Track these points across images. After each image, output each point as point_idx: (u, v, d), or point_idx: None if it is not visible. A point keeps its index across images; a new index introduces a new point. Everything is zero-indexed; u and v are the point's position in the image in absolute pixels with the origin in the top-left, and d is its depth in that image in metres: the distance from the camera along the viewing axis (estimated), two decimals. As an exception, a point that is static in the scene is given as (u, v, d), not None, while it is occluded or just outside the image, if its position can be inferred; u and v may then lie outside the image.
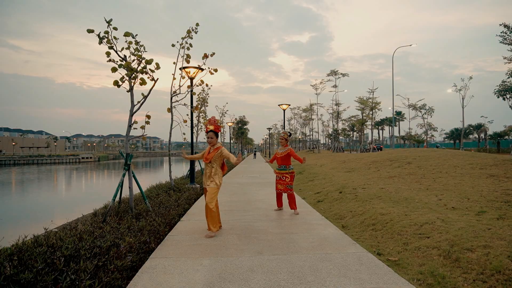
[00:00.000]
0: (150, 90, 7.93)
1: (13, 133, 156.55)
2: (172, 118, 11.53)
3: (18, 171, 54.57)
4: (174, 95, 11.24)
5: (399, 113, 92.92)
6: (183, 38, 10.27)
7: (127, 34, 7.45)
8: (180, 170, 32.70)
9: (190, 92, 12.10)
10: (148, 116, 7.91)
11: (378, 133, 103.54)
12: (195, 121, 17.85)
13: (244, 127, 63.00)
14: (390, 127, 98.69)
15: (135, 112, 7.73)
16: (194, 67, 12.60)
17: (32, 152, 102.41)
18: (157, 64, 7.85)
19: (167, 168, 12.70)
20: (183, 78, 11.60)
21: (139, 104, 7.75)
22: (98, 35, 7.17)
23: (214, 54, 10.66)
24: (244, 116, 62.70)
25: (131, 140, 7.99)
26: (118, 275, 4.35)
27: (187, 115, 14.63)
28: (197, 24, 10.20)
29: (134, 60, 7.63)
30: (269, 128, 63.10)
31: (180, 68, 12.02)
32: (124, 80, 7.51)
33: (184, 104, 12.31)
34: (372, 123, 59.60)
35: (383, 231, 6.57)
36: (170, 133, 11.93)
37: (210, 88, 17.75)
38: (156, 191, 10.98)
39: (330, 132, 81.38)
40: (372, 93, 55.18)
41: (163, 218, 7.09)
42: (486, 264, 4.54)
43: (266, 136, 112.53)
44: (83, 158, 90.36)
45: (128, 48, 7.57)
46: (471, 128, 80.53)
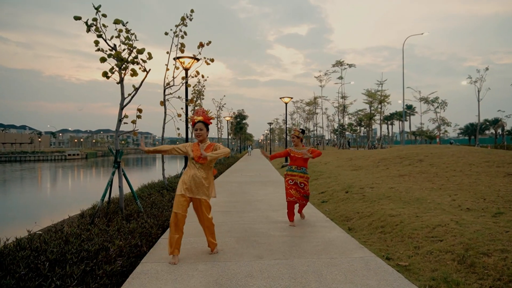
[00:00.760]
0: (142, 82, 7.91)
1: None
2: (165, 112, 11.50)
3: None
4: (168, 87, 11.21)
5: (409, 107, 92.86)
6: (177, 26, 10.24)
7: (117, 22, 7.42)
8: (174, 168, 32.71)
9: (184, 84, 12.07)
10: (139, 110, 7.89)
11: (388, 128, 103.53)
12: (190, 115, 17.84)
13: (243, 121, 62.96)
14: (400, 122, 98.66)
15: (126, 105, 7.71)
16: (189, 57, 12.56)
17: (15, 149, 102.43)
18: (149, 53, 7.82)
19: (160, 166, 12.70)
20: (177, 69, 11.56)
21: (130, 96, 7.73)
22: (86, 23, 7.14)
23: (210, 43, 10.63)
24: (243, 110, 62.67)
25: (121, 135, 7.98)
26: (107, 281, 4.35)
27: (182, 108, 14.61)
28: (191, 11, 10.18)
29: (124, 50, 7.60)
30: (270, 123, 63.03)
31: (174, 58, 11.98)
32: (113, 71, 7.48)
33: (179, 97, 12.26)
34: (381, 118, 59.61)
35: (392, 234, 6.57)
36: (163, 128, 11.90)
37: (206, 80, 17.75)
38: (148, 190, 10.98)
39: (336, 127, 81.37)
40: (380, 85, 55.15)
41: (155, 219, 7.09)
42: (503, 269, 4.54)
43: (266, 131, 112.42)
44: (69, 155, 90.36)
45: (118, 36, 7.54)
46: (487, 123, 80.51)
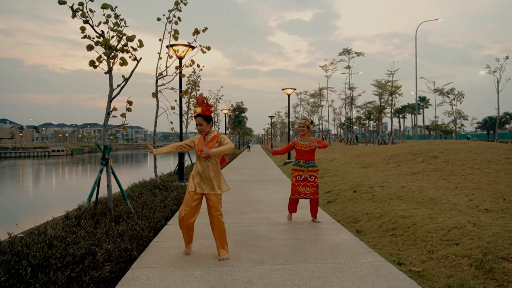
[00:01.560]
0: (132, 72, 7.89)
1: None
2: (157, 105, 11.48)
3: (-22, 166, 54.57)
4: (160, 78, 11.19)
5: (423, 99, 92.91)
6: (170, 11, 10.21)
7: (105, 6, 7.39)
8: (167, 165, 32.71)
9: (178, 74, 12.05)
10: (129, 102, 7.88)
11: (399, 122, 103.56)
12: (184, 107, 17.84)
13: (242, 114, 62.98)
14: (413, 115, 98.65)
15: (115, 97, 7.69)
16: (183, 45, 12.54)
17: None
18: (140, 41, 7.80)
19: (152, 163, 12.70)
20: (171, 57, 11.54)
21: (119, 88, 7.71)
22: (71, 7, 7.12)
23: (206, 29, 10.61)
24: (241, 102, 62.67)
25: (110, 130, 7.97)
26: (94, 288, 4.35)
27: (175, 101, 14.61)
28: (186, -7, 10.14)
29: (113, 37, 7.57)
30: (271, 116, 63.00)
31: (167, 46, 11.95)
32: (101, 60, 7.46)
33: (172, 88, 12.25)
34: (392, 111, 59.60)
35: (404, 236, 6.57)
36: (155, 121, 11.89)
37: (202, 70, 17.68)
38: (139, 189, 10.98)
39: (343, 121, 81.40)
40: (391, 75, 55.06)
41: (147, 221, 7.09)
42: (525, 275, 4.54)
43: (267, 125, 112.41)
44: (53, 151, 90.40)
45: (106, 22, 7.51)
46: (507, 116, 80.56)
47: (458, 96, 69.39)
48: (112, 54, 7.53)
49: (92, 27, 7.36)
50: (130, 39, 7.63)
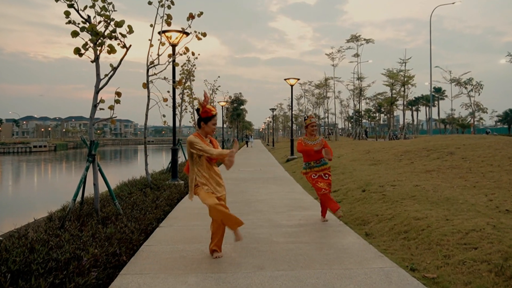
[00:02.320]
0: (121, 60, 7.87)
1: None
2: (148, 96, 11.47)
3: (-47, 163, 54.59)
4: (152, 67, 11.18)
5: (438, 89, 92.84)
6: (162, -7, 10.19)
7: (90, -12, 7.37)
8: (159, 162, 32.70)
9: (171, 63, 12.03)
10: (118, 94, 7.86)
11: (412, 115, 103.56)
12: (178, 99, 17.82)
13: (241, 107, 62.97)
14: (427, 108, 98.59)
15: (102, 88, 7.68)
16: (177, 31, 12.52)
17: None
18: (129, 26, 7.77)
19: (143, 160, 12.69)
20: (163, 45, 11.52)
21: (107, 78, 7.70)
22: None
23: (202, 14, 10.58)
24: (240, 93, 62.65)
25: (97, 123, 7.96)
26: (80, 296, 4.35)
27: (168, 92, 14.59)
28: (180, -25, 10.11)
29: (100, 22, 7.55)
30: (272, 109, 62.97)
31: (159, 32, 11.93)
32: (87, 47, 7.44)
33: (164, 78, 12.23)
34: (404, 103, 59.49)
35: (418, 240, 6.57)
36: (147, 115, 11.89)
37: (197, 58, 17.62)
38: (129, 189, 10.98)
39: (351, 114, 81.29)
40: (403, 64, 54.91)
41: (137, 223, 7.09)
42: (549, 282, 4.54)
43: (268, 118, 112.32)
44: (35, 146, 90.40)
45: (92, 6, 7.49)
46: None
47: (477, 87, 69.33)
48: (99, 41, 7.51)
49: (78, 11, 7.33)
50: (119, 24, 7.60)
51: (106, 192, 9.14)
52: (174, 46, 12.85)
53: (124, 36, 7.79)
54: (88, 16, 7.47)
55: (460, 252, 5.72)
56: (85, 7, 7.40)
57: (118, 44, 7.78)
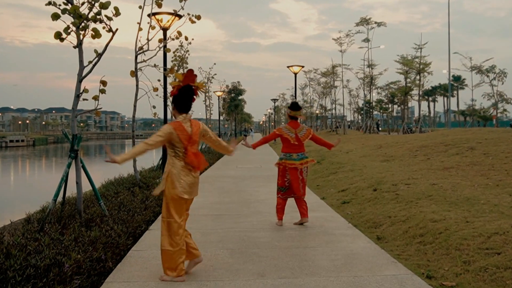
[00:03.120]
0: (107, 46, 7.85)
1: None
2: (137, 85, 11.46)
3: None
4: (140, 53, 11.15)
5: (457, 78, 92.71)
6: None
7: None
8: (149, 158, 32.67)
9: (162, 49, 12.01)
10: (103, 82, 7.84)
11: (428, 106, 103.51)
12: (170, 88, 17.76)
13: (239, 97, 62.84)
14: (445, 98, 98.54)
15: (86, 76, 7.67)
16: (169, 13, 12.47)
17: None
18: (116, 8, 7.75)
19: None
20: (153, 28, 11.49)
21: (91, 65, 7.68)
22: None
23: (196, -7, 10.55)
24: (238, 82, 62.53)
25: (80, 116, 7.95)
26: (61, 307, 4.34)
27: (159, 80, 14.56)
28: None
29: (83, 3, 7.52)
30: (274, 100, 62.87)
31: (148, 15, 11.89)
32: (69, 31, 7.41)
33: (155, 66, 12.20)
34: (420, 92, 59.51)
35: (434, 244, 6.57)
36: (135, 106, 11.87)
37: (190, 43, 17.66)
38: (115, 188, 10.98)
39: (361, 105, 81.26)
40: (419, 50, 54.83)
41: (124, 225, 7.09)
42: None
43: (269, 110, 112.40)
44: (11, 141, 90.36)
45: (75, -15, 7.46)
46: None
47: (500, 75, 69.27)
48: (83, 24, 7.48)
49: (58, -9, 7.31)
50: (104, 6, 7.57)
51: (90, 191, 9.13)
52: (165, 30, 12.81)
53: (110, 19, 7.76)
54: (70, -3, 7.44)
55: (481, 258, 5.71)
56: (67, -13, 7.37)
57: (104, 28, 7.75)
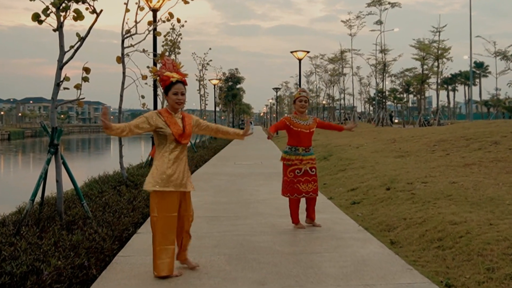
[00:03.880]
0: (90, 29, 7.82)
1: None
2: (124, 73, 11.44)
3: None
4: (128, 37, 11.13)
5: (480, 64, 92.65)
6: None
7: None
8: (137, 154, 32.67)
9: (152, 32, 11.97)
10: (86, 70, 7.82)
11: (448, 95, 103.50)
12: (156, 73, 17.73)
13: (237, 86, 62.85)
14: (467, 87, 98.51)
15: (67, 62, 7.65)
16: (159, -9, 12.45)
17: None
18: (100, -14, 7.73)
19: (116, 151, 12.68)
20: (142, 9, 11.47)
21: (73, 50, 7.66)
22: None
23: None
24: (236, 69, 62.52)
25: (60, 106, 7.94)
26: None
27: (148, 67, 14.54)
28: None
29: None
30: (276, 89, 62.80)
31: (136, -6, 11.86)
32: (49, 12, 7.39)
33: (144, 51, 12.17)
34: (438, 81, 59.47)
35: (455, 249, 6.57)
36: (121, 95, 11.85)
37: (183, 26, 17.66)
38: (100, 186, 10.98)
39: (372, 95, 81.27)
40: (437, 33, 54.75)
41: (109, 229, 7.09)
42: None
43: (271, 100, 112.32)
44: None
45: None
46: None
47: (528, 61, 69.22)
48: (64, 4, 7.45)
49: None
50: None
51: (72, 190, 9.13)
52: (155, 11, 12.76)
53: (93, -1, 7.75)
54: (49, -26, 7.42)
55: (507, 264, 5.71)
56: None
57: (87, 9, 7.74)
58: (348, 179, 13.70)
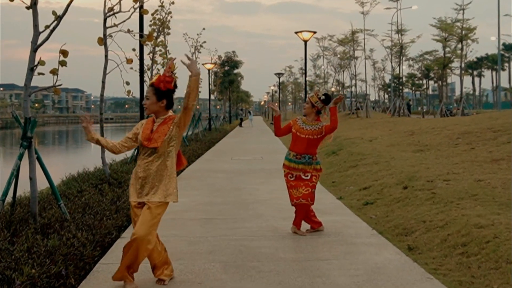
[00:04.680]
0: (68, 6, 7.81)
1: None
2: (106, 56, 11.42)
3: None
4: (111, 15, 11.10)
5: (509, 47, 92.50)
6: None
7: None
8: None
9: (138, 10, 11.95)
10: (64, 53, 7.81)
11: (473, 82, 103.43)
12: (147, 60, 17.73)
13: (235, 71, 62.80)
14: (494, 72, 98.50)
15: (42, 44, 7.63)
16: (145, -36, 12.41)
17: None
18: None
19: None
20: (126, -17, 11.44)
21: (49, 30, 7.64)
22: None
23: None
24: (233, 52, 62.44)
25: (35, 94, 7.92)
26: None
27: (134, 50, 14.52)
28: None
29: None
30: (279, 74, 62.68)
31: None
32: (21, -12, 7.38)
33: (129, 31, 12.13)
34: (462, 65, 59.41)
35: (480, 256, 6.56)
36: (103, 82, 11.84)
37: (173, 3, 17.62)
38: (79, 185, 10.99)
39: (388, 81, 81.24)
40: (461, 11, 54.65)
41: (90, 233, 7.08)
42: None
43: (272, 87, 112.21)
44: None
45: None
46: None
47: None
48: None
49: None
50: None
51: (48, 189, 9.15)
52: (141, -15, 12.75)
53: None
54: None
55: (539, 273, 5.72)
56: None
57: (63, -18, 7.71)
58: (360, 177, 13.70)
